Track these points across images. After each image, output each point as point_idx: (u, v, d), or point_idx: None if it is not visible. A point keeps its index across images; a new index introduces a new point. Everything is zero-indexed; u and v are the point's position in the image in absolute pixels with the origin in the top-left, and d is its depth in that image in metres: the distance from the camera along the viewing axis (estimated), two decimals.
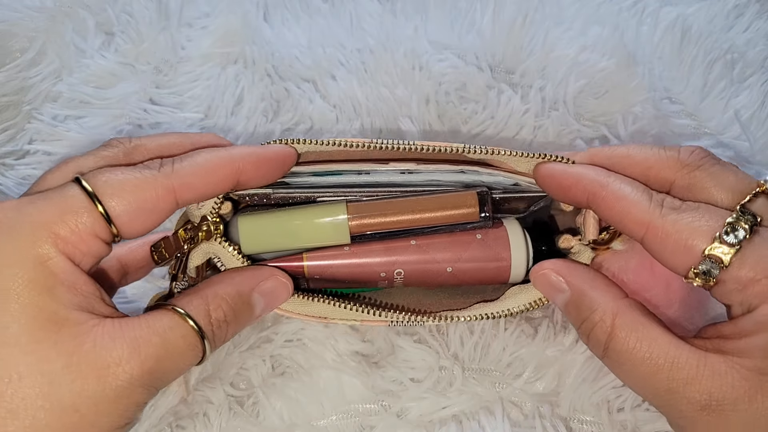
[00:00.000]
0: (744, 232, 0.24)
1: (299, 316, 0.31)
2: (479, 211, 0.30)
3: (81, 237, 0.24)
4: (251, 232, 0.30)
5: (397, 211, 0.30)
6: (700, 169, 0.27)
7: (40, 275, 0.23)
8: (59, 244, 0.24)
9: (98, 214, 0.25)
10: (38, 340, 0.23)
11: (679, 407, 0.25)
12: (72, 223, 0.24)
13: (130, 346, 0.24)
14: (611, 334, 0.26)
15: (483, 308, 0.31)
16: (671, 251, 0.26)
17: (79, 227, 0.24)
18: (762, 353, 0.24)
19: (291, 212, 0.31)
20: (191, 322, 0.26)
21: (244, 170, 0.28)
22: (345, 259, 0.31)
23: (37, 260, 0.23)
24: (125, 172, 0.26)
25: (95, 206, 0.25)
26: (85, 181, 0.25)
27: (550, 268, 0.29)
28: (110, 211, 0.25)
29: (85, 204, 0.24)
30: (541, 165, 0.30)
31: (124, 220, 0.25)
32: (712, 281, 0.25)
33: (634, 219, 0.27)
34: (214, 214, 0.29)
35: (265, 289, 0.29)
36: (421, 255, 0.31)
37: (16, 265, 0.23)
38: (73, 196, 0.25)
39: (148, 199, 0.26)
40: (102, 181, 0.25)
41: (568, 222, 0.33)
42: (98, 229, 0.25)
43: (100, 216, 0.25)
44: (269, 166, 0.29)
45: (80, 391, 0.23)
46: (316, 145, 0.29)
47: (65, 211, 0.24)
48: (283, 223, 0.30)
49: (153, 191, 0.26)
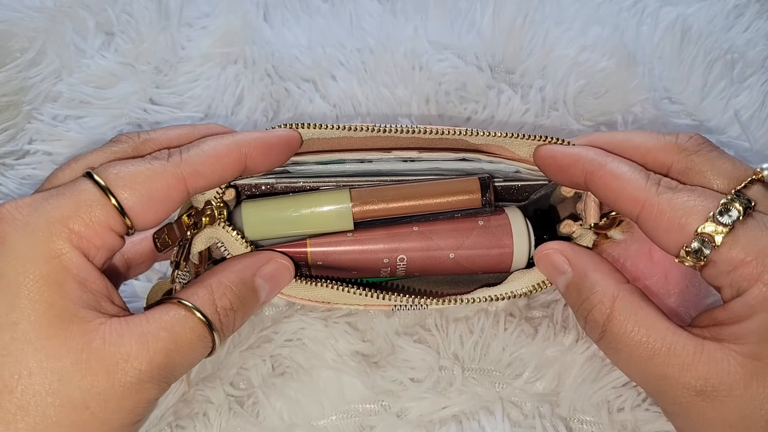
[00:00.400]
0: (738, 213, 0.25)
1: (303, 301, 0.31)
2: (481, 197, 0.31)
3: (95, 231, 0.24)
4: (255, 219, 0.30)
5: (399, 198, 0.31)
6: (698, 154, 0.27)
7: (52, 271, 0.23)
8: (73, 239, 0.24)
9: (111, 206, 0.25)
10: (48, 337, 0.23)
11: (673, 393, 0.25)
12: (86, 217, 0.24)
13: (139, 342, 0.24)
14: (610, 316, 0.26)
15: (486, 291, 0.31)
16: (665, 229, 0.26)
17: (93, 221, 0.24)
18: (756, 338, 0.24)
19: (295, 199, 0.31)
20: (198, 314, 0.26)
21: (251, 155, 0.28)
22: (348, 245, 0.31)
23: (50, 256, 0.23)
24: (135, 164, 0.26)
25: (108, 199, 0.25)
26: (97, 174, 0.25)
27: (554, 249, 0.30)
28: (123, 203, 0.25)
29: (98, 197, 0.25)
30: (541, 147, 0.30)
31: (137, 211, 0.25)
32: (703, 260, 0.25)
33: (630, 197, 0.27)
34: (218, 199, 0.29)
35: (267, 273, 0.29)
36: (424, 241, 0.31)
37: (29, 261, 0.23)
38: (86, 190, 0.25)
39: (160, 189, 0.26)
40: (113, 174, 0.25)
41: (569, 210, 0.33)
42: (112, 222, 0.25)
43: (114, 208, 0.25)
44: (275, 150, 0.29)
45: (90, 387, 0.23)
46: (320, 130, 0.29)
47: (79, 205, 0.24)
48: (286, 210, 0.31)
49: (164, 181, 0.26)
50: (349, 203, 0.31)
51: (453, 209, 0.31)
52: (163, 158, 0.26)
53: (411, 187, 0.31)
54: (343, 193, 0.31)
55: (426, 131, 0.29)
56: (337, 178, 0.32)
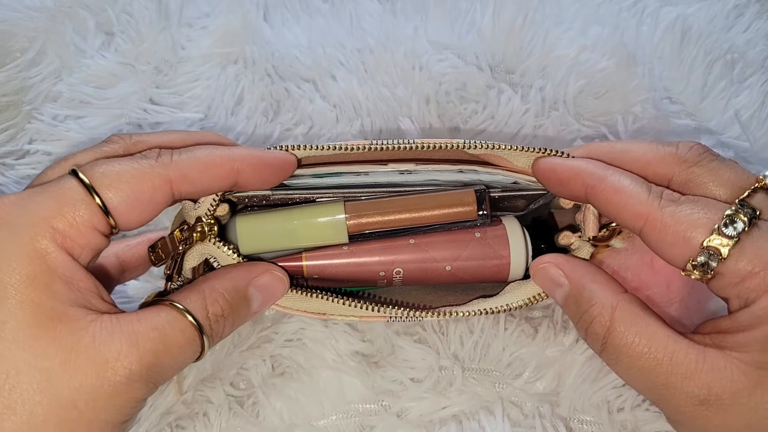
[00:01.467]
0: (743, 224, 0.24)
1: (298, 312, 0.31)
2: (477, 209, 0.30)
3: (79, 230, 0.24)
4: (249, 232, 0.30)
5: (395, 210, 0.30)
6: (699, 164, 0.27)
7: (39, 271, 0.23)
8: (58, 238, 0.24)
9: (96, 206, 0.25)
10: (36, 336, 0.23)
11: (677, 402, 0.25)
12: (70, 216, 0.24)
13: (129, 341, 0.24)
14: (610, 328, 0.26)
15: (482, 303, 0.31)
16: (670, 243, 0.26)
17: (77, 220, 0.24)
18: (760, 347, 0.24)
19: (289, 212, 0.31)
20: (189, 318, 0.26)
21: (243, 171, 0.28)
22: (344, 258, 0.31)
23: (35, 255, 0.23)
24: (122, 163, 0.26)
25: (93, 198, 0.24)
26: (82, 173, 0.25)
27: (550, 262, 0.29)
28: (108, 202, 0.25)
29: (83, 196, 0.24)
30: (540, 159, 0.30)
31: (121, 211, 0.25)
32: (710, 274, 0.25)
33: (633, 211, 0.26)
34: (209, 215, 0.29)
35: (261, 284, 0.29)
36: (420, 254, 0.31)
37: (14, 261, 0.23)
38: (70, 189, 0.24)
39: (146, 189, 0.26)
40: (99, 173, 0.25)
41: (568, 220, 0.33)
42: (96, 222, 0.25)
43: (98, 208, 0.25)
44: (268, 171, 0.29)
45: (78, 386, 0.23)
46: (315, 151, 0.29)
47: (63, 204, 0.24)
48: (281, 223, 0.30)
49: (150, 182, 0.26)
50: (344, 215, 0.30)
51: (449, 221, 0.31)
52: (152, 158, 0.26)
53: (406, 200, 0.31)
54: (338, 205, 0.31)
55: (424, 146, 0.29)
56: (334, 190, 0.31)
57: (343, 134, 0.43)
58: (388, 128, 0.43)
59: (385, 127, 0.43)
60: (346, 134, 0.43)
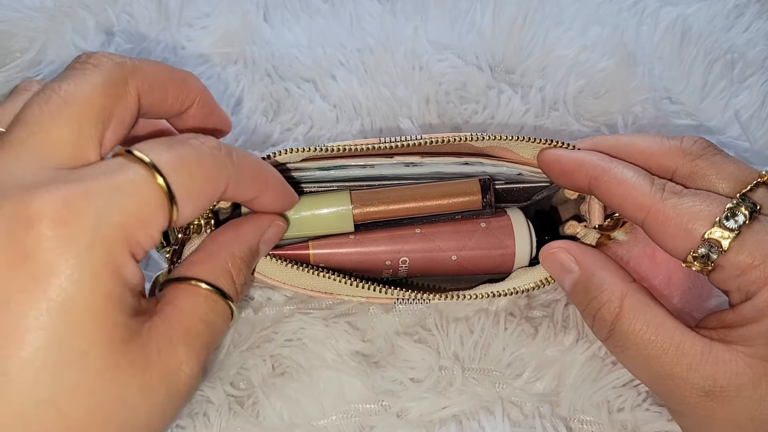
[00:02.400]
0: (744, 217, 0.25)
1: (307, 291, 0.31)
2: (482, 199, 0.31)
3: (153, 238, 0.22)
4: None
5: (400, 200, 0.31)
6: (702, 158, 0.28)
7: (115, 286, 0.21)
8: (132, 247, 0.21)
9: (169, 210, 0.22)
10: (118, 366, 0.21)
11: (681, 393, 0.25)
12: (148, 225, 0.22)
13: (185, 343, 0.23)
14: (619, 314, 0.26)
15: (489, 287, 0.31)
16: (671, 235, 0.26)
17: (154, 228, 0.22)
18: (764, 340, 0.24)
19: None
20: (229, 302, 0.25)
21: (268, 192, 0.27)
22: (351, 247, 0.31)
23: (114, 270, 0.21)
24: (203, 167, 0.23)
25: (172, 208, 0.22)
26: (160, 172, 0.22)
27: (561, 247, 0.30)
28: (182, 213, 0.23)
29: (164, 202, 0.22)
30: (545, 150, 0.30)
31: (186, 218, 0.23)
32: (711, 266, 0.25)
33: (635, 202, 0.27)
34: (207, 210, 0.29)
35: (269, 237, 0.29)
36: (426, 243, 0.31)
37: (92, 278, 0.20)
38: (149, 191, 0.22)
39: (216, 196, 0.24)
40: (179, 184, 0.22)
41: (572, 212, 0.33)
42: (164, 225, 0.22)
43: (170, 212, 0.22)
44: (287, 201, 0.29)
45: (152, 407, 0.22)
46: (322, 153, 0.30)
47: (141, 207, 0.21)
48: (287, 213, 0.31)
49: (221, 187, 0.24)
50: (350, 205, 0.31)
51: (453, 211, 0.31)
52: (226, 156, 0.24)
53: (411, 189, 0.31)
54: (344, 195, 0.31)
55: (429, 141, 0.29)
56: (340, 182, 0.32)
57: (343, 134, 0.43)
58: (388, 128, 0.43)
59: (385, 127, 0.43)
60: (346, 134, 0.43)
